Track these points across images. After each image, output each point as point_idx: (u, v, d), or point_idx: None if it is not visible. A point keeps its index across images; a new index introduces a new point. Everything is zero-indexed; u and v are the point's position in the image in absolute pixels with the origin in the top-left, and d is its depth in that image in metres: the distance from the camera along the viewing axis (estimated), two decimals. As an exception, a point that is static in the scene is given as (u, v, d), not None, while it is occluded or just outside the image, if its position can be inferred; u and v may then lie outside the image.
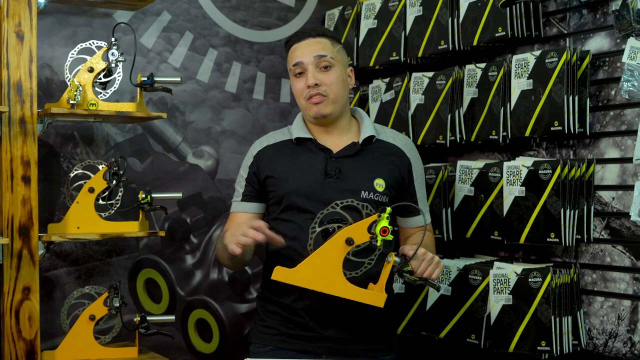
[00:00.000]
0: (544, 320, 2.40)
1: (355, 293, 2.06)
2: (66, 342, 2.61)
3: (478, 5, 2.72)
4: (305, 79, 2.29)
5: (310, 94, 2.28)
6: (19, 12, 2.55)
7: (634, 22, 2.26)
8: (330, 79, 2.29)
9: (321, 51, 2.29)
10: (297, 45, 2.33)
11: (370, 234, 2.03)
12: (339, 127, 2.35)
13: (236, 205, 2.39)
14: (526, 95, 2.54)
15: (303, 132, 2.34)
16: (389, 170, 2.32)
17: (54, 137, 2.87)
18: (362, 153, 2.32)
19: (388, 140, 2.38)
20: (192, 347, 3.12)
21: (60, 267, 2.87)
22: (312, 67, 2.29)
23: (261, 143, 2.40)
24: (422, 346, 2.91)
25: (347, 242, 2.04)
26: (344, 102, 2.34)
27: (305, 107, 2.32)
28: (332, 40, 2.35)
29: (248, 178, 2.36)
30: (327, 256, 2.05)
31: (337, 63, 2.32)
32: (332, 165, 2.28)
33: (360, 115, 2.42)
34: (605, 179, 2.45)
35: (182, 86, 3.08)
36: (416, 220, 2.42)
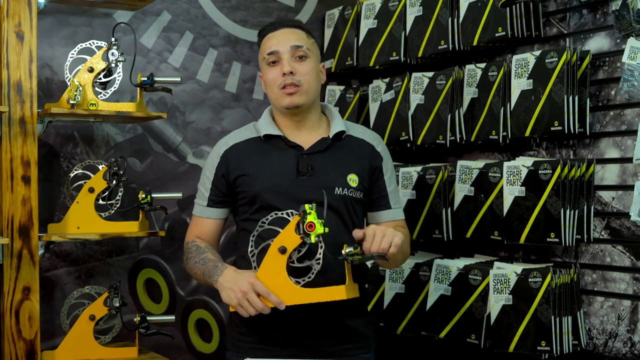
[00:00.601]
0: (544, 320, 2.40)
1: (313, 296, 2.03)
2: (66, 342, 2.61)
3: (478, 5, 2.72)
4: (280, 67, 2.23)
5: (284, 83, 2.21)
6: (19, 12, 2.55)
7: (634, 22, 2.26)
8: (305, 69, 2.24)
9: (297, 41, 2.25)
10: (272, 34, 2.28)
11: (299, 235, 1.99)
12: (309, 122, 2.29)
13: (201, 210, 2.32)
14: (526, 95, 2.54)
15: (272, 128, 2.28)
16: (361, 165, 2.28)
17: (54, 137, 2.87)
18: (333, 149, 2.27)
19: (357, 135, 2.34)
20: (192, 347, 3.12)
21: (60, 267, 2.87)
22: (287, 55, 2.23)
23: (227, 142, 2.32)
24: (422, 346, 2.91)
25: (281, 252, 2.01)
26: (316, 95, 2.29)
27: (277, 97, 2.25)
28: (307, 33, 2.30)
29: (214, 181, 2.29)
30: (269, 273, 2.03)
31: (312, 55, 2.27)
32: (304, 162, 2.23)
33: (329, 111, 2.37)
34: (605, 179, 2.45)
35: (182, 86, 3.08)
36: (386, 214, 2.35)
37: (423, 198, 2.83)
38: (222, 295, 2.09)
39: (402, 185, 2.91)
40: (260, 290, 2.03)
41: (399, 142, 2.99)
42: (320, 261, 2.05)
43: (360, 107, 3.23)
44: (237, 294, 2.04)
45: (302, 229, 1.99)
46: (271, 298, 2.02)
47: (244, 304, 2.03)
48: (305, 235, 1.99)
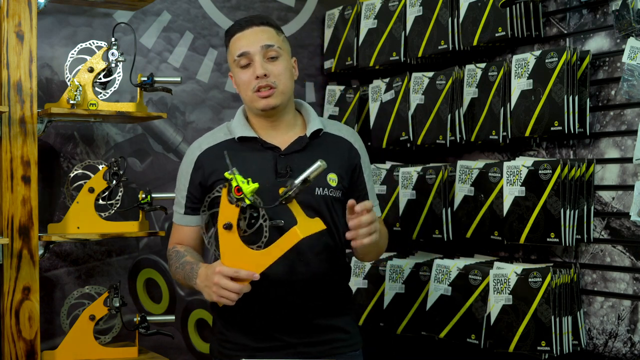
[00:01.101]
0: (544, 320, 2.40)
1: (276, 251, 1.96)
2: (66, 342, 2.62)
3: (478, 5, 2.72)
4: (252, 69, 2.14)
5: (258, 86, 2.14)
6: (19, 12, 2.55)
7: (634, 22, 2.26)
8: (279, 70, 2.16)
9: (268, 40, 2.16)
10: (240, 35, 2.18)
11: (233, 203, 1.95)
12: (285, 121, 2.22)
13: (179, 218, 2.26)
14: (526, 95, 2.54)
15: (246, 130, 2.20)
16: (340, 163, 2.23)
17: (54, 137, 2.87)
18: (311, 147, 2.21)
19: (334, 132, 2.28)
20: (192, 347, 3.12)
21: (60, 267, 2.87)
22: (259, 56, 2.14)
23: (200, 146, 2.24)
24: (422, 346, 2.91)
25: (226, 228, 1.97)
26: (291, 93, 2.22)
27: (252, 100, 2.17)
28: (276, 29, 2.22)
29: (190, 188, 2.22)
30: (228, 253, 1.99)
31: (284, 53, 2.20)
32: (282, 163, 2.16)
33: (305, 109, 2.29)
34: (605, 179, 2.45)
35: (182, 86, 3.08)
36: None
37: (423, 198, 2.83)
38: (205, 296, 2.06)
39: (402, 186, 2.91)
40: (228, 272, 1.97)
41: (399, 142, 2.99)
42: (265, 215, 1.98)
43: (360, 107, 3.23)
44: (212, 288, 1.99)
45: (233, 197, 1.94)
46: (241, 274, 1.96)
47: (222, 293, 1.98)
48: (239, 201, 1.94)
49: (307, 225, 1.97)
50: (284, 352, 2.15)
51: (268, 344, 2.16)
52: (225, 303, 2.01)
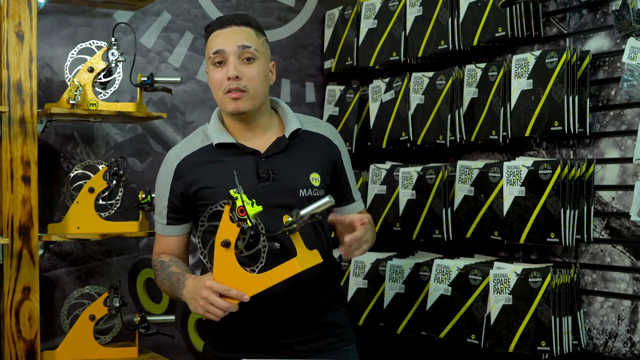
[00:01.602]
0: (544, 320, 2.40)
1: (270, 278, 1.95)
2: (66, 342, 2.62)
3: (478, 5, 2.72)
4: (225, 69, 2.11)
5: (229, 88, 2.10)
6: (19, 12, 2.55)
7: (634, 22, 2.26)
8: (252, 73, 2.11)
9: (245, 41, 2.11)
10: (219, 32, 2.14)
11: (234, 222, 1.93)
12: (260, 124, 2.18)
13: (162, 229, 2.23)
14: (526, 95, 2.54)
15: (224, 136, 2.16)
16: (321, 162, 2.21)
17: (54, 137, 2.87)
18: (291, 148, 2.18)
19: (312, 129, 2.25)
20: (192, 347, 3.12)
21: (60, 267, 2.87)
22: (233, 57, 2.10)
23: (178, 154, 2.19)
24: (422, 346, 2.91)
25: (224, 245, 1.95)
26: (263, 98, 2.17)
27: (222, 101, 2.13)
28: (257, 31, 2.17)
29: (170, 198, 2.18)
30: (222, 270, 1.97)
31: (261, 56, 2.14)
32: (264, 166, 2.13)
33: (281, 108, 2.25)
34: (605, 179, 2.45)
35: (182, 86, 3.08)
36: (351, 208, 2.31)
37: (423, 198, 2.83)
38: (190, 307, 2.03)
39: (402, 186, 2.91)
40: (219, 289, 1.95)
41: (399, 142, 2.99)
42: (265, 242, 1.97)
43: (360, 107, 3.23)
44: (200, 302, 1.97)
45: (235, 216, 1.93)
46: (231, 293, 1.95)
47: (209, 308, 1.97)
48: (241, 221, 1.92)
49: (306, 258, 1.97)
50: (279, 352, 2.14)
51: (262, 345, 2.15)
52: (210, 318, 2.00)
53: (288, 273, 1.95)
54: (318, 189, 2.17)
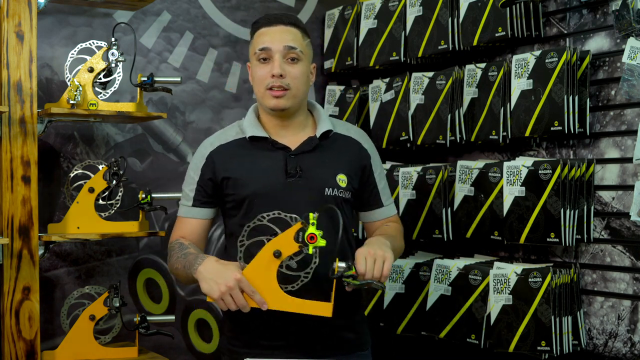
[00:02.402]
0: (544, 320, 2.40)
1: (298, 305, 1.99)
2: (66, 342, 2.62)
3: (478, 5, 2.72)
4: (270, 66, 2.15)
5: (272, 84, 2.15)
6: (19, 12, 2.55)
7: (634, 22, 2.26)
8: (296, 73, 2.17)
9: (292, 42, 2.17)
10: (266, 30, 2.19)
11: (298, 243, 1.94)
12: (295, 122, 2.24)
13: (186, 210, 2.26)
14: (526, 95, 2.54)
15: (257, 130, 2.22)
16: (349, 164, 2.24)
17: (54, 137, 2.87)
18: (321, 148, 2.23)
19: (344, 133, 2.29)
20: (192, 347, 3.12)
21: (60, 267, 2.87)
22: (279, 55, 2.15)
23: (212, 143, 2.25)
24: (422, 346, 2.91)
25: (275, 255, 1.96)
26: (303, 97, 2.23)
27: (263, 96, 2.18)
28: (303, 32, 2.22)
29: (200, 181, 2.23)
30: (257, 272, 1.98)
31: (305, 57, 2.19)
32: (292, 163, 2.18)
33: (316, 110, 2.31)
34: (605, 179, 2.45)
35: (182, 86, 3.08)
36: (380, 213, 2.34)
37: (423, 198, 2.83)
38: (203, 285, 2.03)
39: (402, 186, 2.91)
40: (246, 288, 1.97)
41: (399, 142, 2.99)
42: (309, 275, 2.02)
43: (360, 107, 3.23)
44: (221, 288, 1.97)
45: (302, 237, 1.94)
46: (256, 297, 1.98)
47: (226, 299, 1.98)
48: (304, 245, 1.94)
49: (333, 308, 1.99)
50: (292, 350, 2.16)
51: (277, 342, 2.17)
52: (220, 306, 2.01)
53: (318, 312, 1.98)
54: (344, 190, 2.21)
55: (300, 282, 2.03)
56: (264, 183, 2.16)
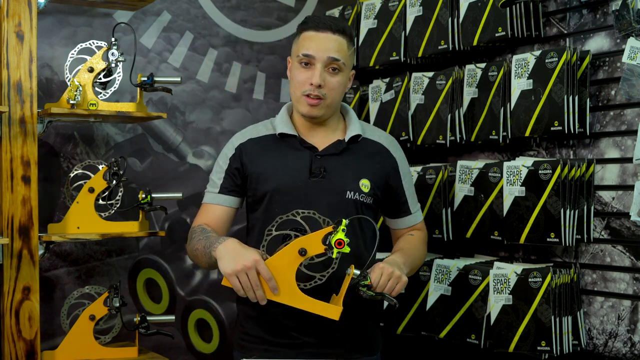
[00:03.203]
0: (544, 320, 2.40)
1: (309, 304, 2.01)
2: (66, 342, 2.62)
3: (478, 5, 2.72)
4: (310, 73, 2.17)
5: (309, 92, 2.17)
6: (19, 12, 2.55)
7: (634, 22, 2.26)
8: (334, 84, 2.19)
9: (336, 54, 2.17)
10: (314, 34, 2.19)
11: (325, 245, 1.97)
12: (325, 126, 2.28)
13: (212, 197, 2.28)
14: (526, 95, 2.54)
15: (288, 128, 2.25)
16: (375, 170, 2.26)
17: (54, 137, 2.87)
18: (348, 152, 2.25)
19: (374, 139, 2.32)
20: (192, 347, 3.12)
21: (60, 267, 2.87)
22: (321, 65, 2.17)
23: (244, 135, 2.30)
24: (422, 346, 2.91)
25: (300, 253, 1.98)
26: (337, 106, 2.27)
27: (298, 100, 2.21)
28: (349, 41, 2.23)
29: (228, 170, 2.26)
30: (280, 265, 1.99)
31: (346, 68, 2.22)
32: (317, 163, 2.21)
33: (347, 113, 2.34)
34: (605, 179, 2.45)
35: (182, 86, 3.08)
36: (407, 221, 2.38)
37: (423, 198, 2.83)
38: (220, 263, 2.02)
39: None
40: (263, 271, 1.98)
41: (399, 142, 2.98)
42: (324, 279, 2.04)
43: (360, 107, 3.23)
44: (238, 266, 1.97)
45: (330, 241, 1.96)
46: (271, 283, 1.98)
47: (241, 277, 1.97)
48: (329, 249, 1.97)
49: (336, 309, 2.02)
50: (300, 350, 2.19)
51: (286, 340, 2.19)
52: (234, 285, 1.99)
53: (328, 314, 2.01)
54: (366, 195, 2.23)
55: (314, 283, 2.05)
56: (287, 180, 2.19)
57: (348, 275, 2.02)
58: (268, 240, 2.05)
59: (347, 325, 2.20)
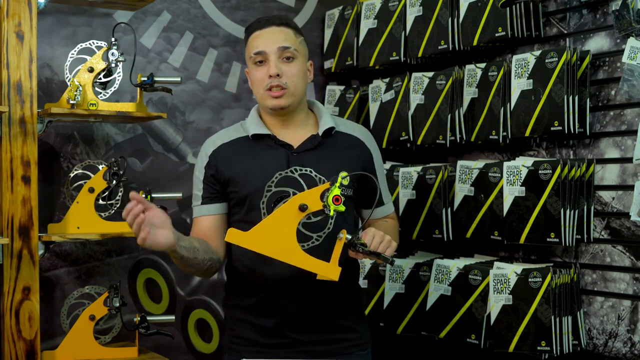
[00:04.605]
0: (544, 320, 2.40)
1: (309, 263, 1.99)
2: (66, 342, 2.62)
3: (478, 5, 2.72)
4: (266, 68, 2.18)
5: (270, 85, 2.17)
6: (19, 12, 2.55)
7: (634, 22, 2.26)
8: (292, 71, 2.19)
9: (285, 42, 2.19)
10: (259, 33, 2.22)
11: (322, 202, 1.97)
12: (296, 121, 2.26)
13: (198, 210, 2.25)
14: (526, 95, 2.54)
15: (260, 128, 2.24)
16: (352, 162, 2.25)
17: (54, 137, 2.87)
18: (323, 146, 2.24)
19: (347, 131, 2.31)
20: (192, 347, 3.12)
21: (60, 267, 2.87)
22: (274, 56, 2.18)
23: (214, 142, 2.27)
24: (422, 346, 2.91)
25: (301, 208, 1.97)
26: (302, 95, 2.25)
27: (263, 97, 2.20)
28: (295, 31, 2.25)
29: (205, 179, 2.24)
30: (280, 221, 1.98)
31: (300, 55, 2.22)
32: (295, 161, 2.20)
33: (317, 108, 2.32)
34: (605, 179, 2.45)
35: (182, 86, 3.08)
36: (380, 211, 2.36)
37: (423, 198, 2.83)
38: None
39: (402, 186, 2.91)
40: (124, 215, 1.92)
41: (399, 142, 2.99)
42: (320, 239, 2.07)
43: (360, 107, 3.23)
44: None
45: (327, 198, 1.96)
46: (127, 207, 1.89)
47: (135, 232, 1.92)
48: (327, 206, 1.97)
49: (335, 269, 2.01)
50: (292, 349, 2.18)
51: (277, 340, 2.18)
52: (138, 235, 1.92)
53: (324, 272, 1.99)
54: (346, 188, 2.20)
55: (311, 243, 2.09)
56: (265, 180, 2.17)
57: (340, 239, 2.00)
58: (268, 197, 2.07)
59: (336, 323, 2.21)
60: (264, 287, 2.16)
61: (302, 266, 1.99)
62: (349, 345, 2.23)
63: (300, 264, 1.99)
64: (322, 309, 2.18)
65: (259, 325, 2.19)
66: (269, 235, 1.97)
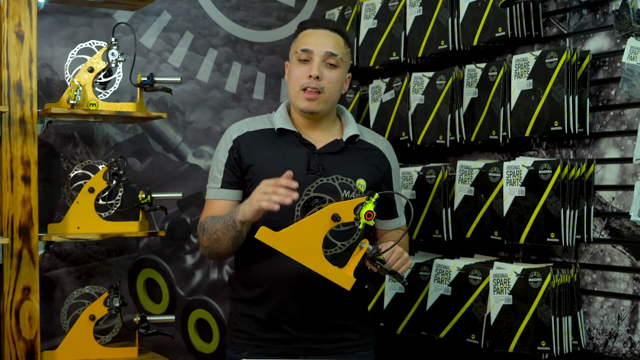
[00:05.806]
0: (544, 320, 2.40)
1: (327, 270, 2.03)
2: (66, 342, 2.62)
3: (478, 5, 2.72)
4: (308, 67, 2.21)
5: (307, 85, 2.20)
6: (19, 12, 2.55)
7: (634, 22, 2.26)
8: (332, 78, 2.23)
9: (333, 48, 2.23)
10: (311, 32, 2.25)
11: (354, 214, 2.00)
12: (323, 125, 2.30)
13: (215, 192, 2.27)
14: (526, 95, 2.54)
15: (287, 123, 2.27)
16: (371, 171, 2.29)
17: (54, 137, 2.87)
18: (345, 152, 2.27)
19: (370, 141, 2.35)
20: (192, 347, 3.12)
21: (60, 267, 2.87)
22: (319, 59, 2.21)
23: (240, 128, 2.29)
24: (422, 346, 2.91)
25: (334, 218, 2.01)
26: (334, 103, 2.29)
27: (296, 96, 2.24)
28: (346, 40, 2.29)
29: (228, 163, 2.26)
30: (312, 227, 2.02)
31: (343, 65, 2.27)
32: (315, 161, 2.23)
33: (344, 115, 2.37)
34: (605, 179, 2.45)
35: (182, 86, 3.08)
36: (393, 223, 2.42)
37: (423, 198, 2.84)
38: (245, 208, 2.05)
39: (402, 186, 2.91)
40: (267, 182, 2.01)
41: (399, 142, 2.99)
42: (344, 248, 2.10)
43: (360, 107, 3.23)
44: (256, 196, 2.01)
45: (359, 212, 2.00)
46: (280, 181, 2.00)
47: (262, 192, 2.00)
48: (357, 219, 2.01)
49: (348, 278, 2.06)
50: (291, 345, 2.20)
51: (277, 335, 2.20)
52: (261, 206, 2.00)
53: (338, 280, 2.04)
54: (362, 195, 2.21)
55: (334, 251, 2.11)
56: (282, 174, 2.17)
57: (361, 249, 2.05)
58: (305, 200, 2.09)
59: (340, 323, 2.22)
60: (269, 279, 2.17)
61: (319, 271, 2.03)
62: (349, 345, 2.24)
63: (318, 269, 2.03)
64: (324, 307, 2.20)
65: (259, 318, 2.21)
66: (298, 238, 2.01)
